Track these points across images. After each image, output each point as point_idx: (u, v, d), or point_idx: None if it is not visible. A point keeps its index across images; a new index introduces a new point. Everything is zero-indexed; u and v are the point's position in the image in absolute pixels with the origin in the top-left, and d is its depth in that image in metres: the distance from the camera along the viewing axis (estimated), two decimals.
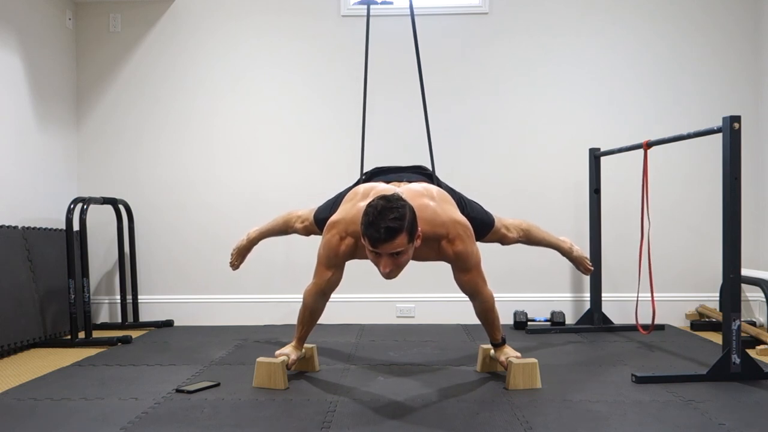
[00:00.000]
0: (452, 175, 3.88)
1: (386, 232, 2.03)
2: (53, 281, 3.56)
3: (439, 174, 2.66)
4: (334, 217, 2.40)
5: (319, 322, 2.59)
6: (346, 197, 2.49)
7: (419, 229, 2.17)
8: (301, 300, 2.53)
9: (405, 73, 3.88)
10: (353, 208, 2.35)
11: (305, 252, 3.93)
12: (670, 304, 3.85)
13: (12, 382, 2.61)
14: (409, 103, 3.89)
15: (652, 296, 2.90)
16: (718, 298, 3.78)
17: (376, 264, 2.15)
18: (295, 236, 3.95)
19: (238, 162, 3.99)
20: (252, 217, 3.97)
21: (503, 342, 2.54)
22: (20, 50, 3.52)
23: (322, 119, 3.98)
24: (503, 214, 3.91)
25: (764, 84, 3.84)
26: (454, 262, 2.35)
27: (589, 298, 3.74)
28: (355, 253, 2.36)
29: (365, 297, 3.90)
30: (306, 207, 2.94)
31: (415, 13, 2.91)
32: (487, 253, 3.95)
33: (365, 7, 3.80)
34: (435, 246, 2.30)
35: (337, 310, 2.38)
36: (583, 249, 3.86)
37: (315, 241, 4.00)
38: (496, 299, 2.50)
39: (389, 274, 2.13)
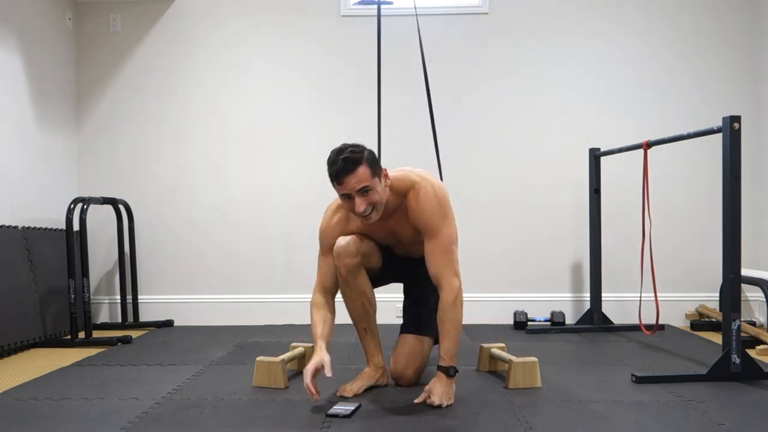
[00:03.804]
0: (451, 175, 3.90)
1: (345, 162, 2.07)
2: (53, 281, 3.56)
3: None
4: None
5: None
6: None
7: (385, 171, 2.17)
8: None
9: (406, 73, 3.89)
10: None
11: (305, 252, 3.95)
12: (670, 304, 3.85)
13: (12, 382, 2.61)
14: (409, 102, 3.90)
15: (656, 296, 2.90)
16: (718, 298, 3.78)
17: (352, 210, 2.14)
18: (294, 237, 3.98)
19: (237, 162, 3.99)
20: (252, 217, 3.99)
21: (453, 373, 2.15)
22: (20, 50, 3.52)
23: (321, 119, 3.98)
24: (502, 214, 3.95)
25: (764, 84, 3.84)
26: (419, 221, 2.18)
27: (589, 298, 3.74)
28: (347, 224, 2.33)
29: None
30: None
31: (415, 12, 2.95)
32: (487, 254, 3.98)
33: (365, 7, 3.83)
34: (405, 204, 2.21)
35: (337, 310, 2.38)
36: (583, 250, 3.88)
37: (314, 242, 4.00)
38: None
39: (366, 214, 2.12)
